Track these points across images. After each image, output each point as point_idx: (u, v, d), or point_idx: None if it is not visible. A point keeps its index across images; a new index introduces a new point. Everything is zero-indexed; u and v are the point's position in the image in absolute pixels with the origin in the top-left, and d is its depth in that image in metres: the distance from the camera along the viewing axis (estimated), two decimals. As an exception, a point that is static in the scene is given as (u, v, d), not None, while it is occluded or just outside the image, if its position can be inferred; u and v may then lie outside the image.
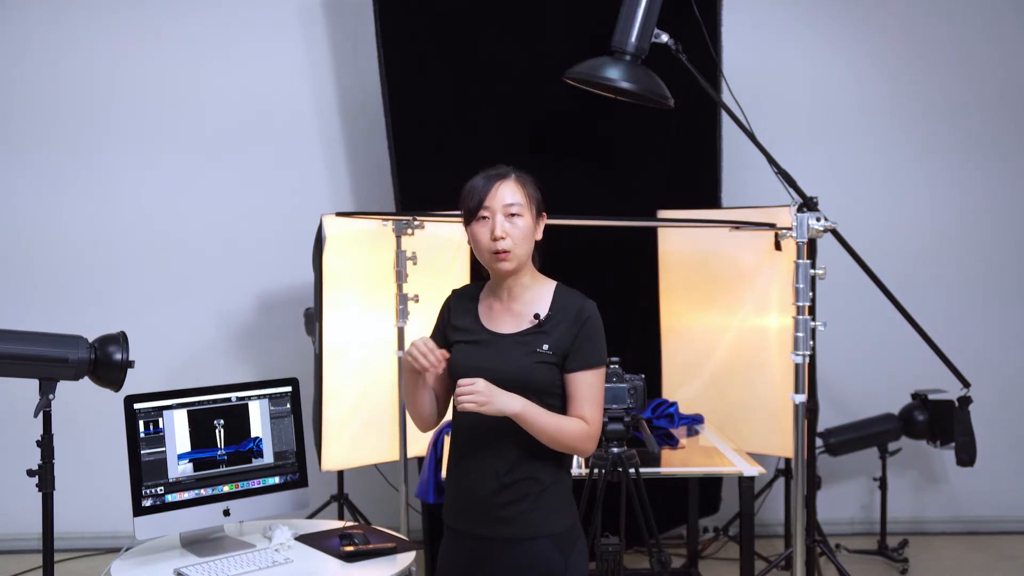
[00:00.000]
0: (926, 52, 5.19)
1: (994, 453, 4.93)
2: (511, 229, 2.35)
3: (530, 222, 2.38)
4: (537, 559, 2.36)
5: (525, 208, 2.38)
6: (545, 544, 2.36)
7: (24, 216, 4.99)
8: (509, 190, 2.37)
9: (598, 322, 2.41)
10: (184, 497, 2.79)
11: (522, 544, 2.36)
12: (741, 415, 4.30)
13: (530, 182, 2.43)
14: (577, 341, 2.36)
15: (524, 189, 2.40)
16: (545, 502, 2.37)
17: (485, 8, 4.43)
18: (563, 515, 2.40)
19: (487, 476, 2.37)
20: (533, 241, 2.41)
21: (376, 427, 3.99)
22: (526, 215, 2.37)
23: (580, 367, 2.36)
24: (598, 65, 3.18)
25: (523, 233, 2.36)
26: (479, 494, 2.38)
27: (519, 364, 2.34)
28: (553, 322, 2.38)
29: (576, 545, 2.42)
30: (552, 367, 2.35)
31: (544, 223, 2.46)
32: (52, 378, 2.68)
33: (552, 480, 2.38)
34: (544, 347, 2.35)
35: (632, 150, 4.60)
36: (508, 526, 2.36)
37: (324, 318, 3.77)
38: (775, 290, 4.14)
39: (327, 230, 3.77)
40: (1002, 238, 5.24)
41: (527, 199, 2.39)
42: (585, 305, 2.41)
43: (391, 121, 4.46)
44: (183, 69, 5.02)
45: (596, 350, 2.39)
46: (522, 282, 2.42)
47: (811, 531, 4.06)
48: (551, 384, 2.36)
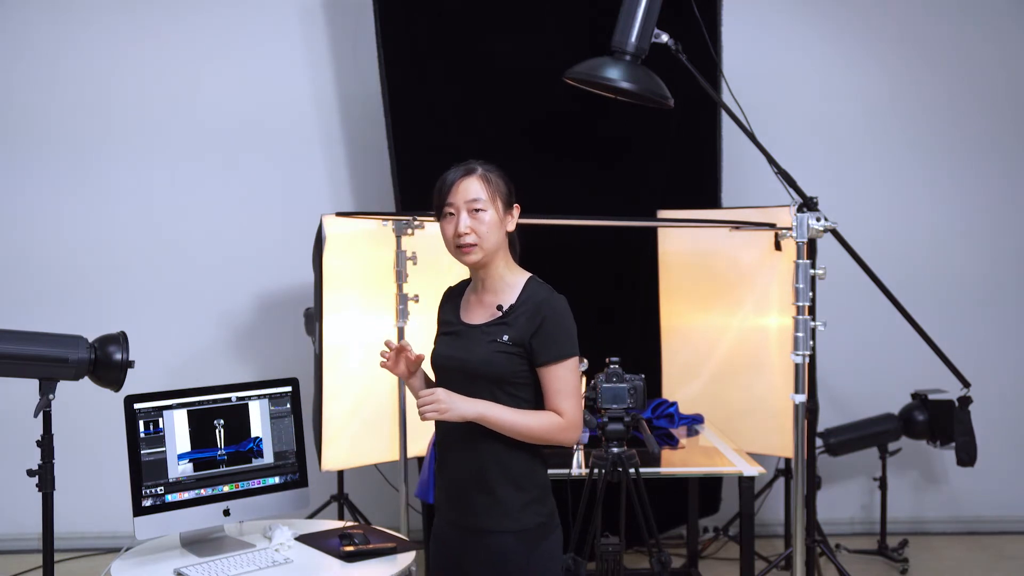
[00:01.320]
0: (926, 51, 5.19)
1: (994, 453, 4.94)
2: (475, 224, 2.41)
3: (495, 216, 2.43)
4: (499, 553, 2.40)
5: (489, 203, 2.43)
6: (508, 539, 2.40)
7: (24, 216, 4.99)
8: (474, 186, 2.43)
9: (561, 315, 2.43)
10: (184, 497, 2.79)
11: (486, 537, 2.42)
12: (741, 415, 4.30)
13: (496, 177, 2.48)
14: (539, 335, 2.39)
15: (488, 184, 2.45)
16: (512, 498, 2.41)
17: (485, 8, 4.43)
18: (531, 513, 2.43)
19: (460, 468, 2.45)
20: (502, 233, 2.45)
21: (376, 427, 3.99)
22: (490, 209, 2.43)
23: (547, 361, 2.39)
24: (598, 65, 3.17)
25: (488, 227, 2.41)
26: (453, 486, 2.47)
27: (481, 353, 2.40)
28: (516, 314, 2.42)
29: (542, 544, 2.44)
30: (513, 357, 2.39)
31: (516, 215, 2.50)
32: (52, 378, 2.68)
33: (523, 476, 2.43)
34: (504, 338, 2.40)
35: (632, 150, 4.60)
36: (476, 517, 2.43)
37: (324, 318, 3.77)
38: (775, 290, 4.14)
39: (327, 230, 3.77)
40: (1002, 238, 5.24)
41: (491, 194, 2.44)
42: (548, 298, 2.44)
43: (391, 121, 4.46)
44: (183, 69, 5.03)
45: (561, 343, 2.40)
46: (494, 274, 2.48)
47: (811, 531, 4.06)
48: (512, 374, 2.40)
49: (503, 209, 2.46)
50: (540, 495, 2.46)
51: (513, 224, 2.49)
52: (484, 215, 2.42)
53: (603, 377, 3.15)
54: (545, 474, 2.50)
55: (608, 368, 3.15)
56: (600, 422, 3.12)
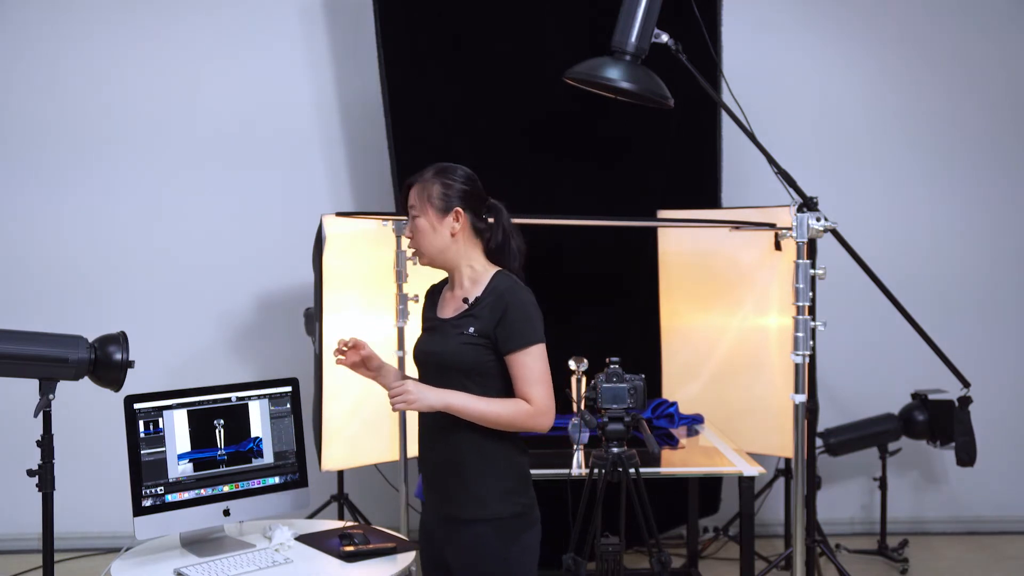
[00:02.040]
0: (926, 51, 5.19)
1: (994, 453, 4.93)
2: (412, 230, 2.56)
3: (425, 223, 2.52)
4: (475, 543, 2.47)
5: (421, 209, 2.53)
6: (484, 528, 2.46)
7: (25, 215, 4.99)
8: (413, 194, 2.56)
9: (523, 304, 2.49)
10: (184, 497, 2.79)
11: (464, 526, 2.49)
12: (741, 415, 4.30)
13: (433, 182, 2.55)
14: (502, 324, 2.46)
15: (423, 191, 2.54)
16: (481, 486, 2.48)
17: (485, 8, 4.43)
18: (506, 501, 2.48)
19: (437, 458, 2.55)
20: (443, 236, 2.52)
21: (376, 427, 3.99)
22: (422, 216, 2.53)
23: (512, 349, 2.46)
24: (598, 65, 3.17)
25: (420, 233, 2.54)
26: (431, 475, 2.58)
27: (451, 345, 2.50)
28: (481, 306, 2.50)
29: (524, 534, 2.50)
30: (479, 348, 2.47)
31: (458, 217, 2.53)
32: (52, 378, 2.68)
33: (489, 465, 2.49)
34: (471, 330, 2.48)
35: (632, 150, 4.60)
36: (452, 507, 2.52)
37: (324, 318, 3.77)
38: (775, 290, 4.14)
39: (327, 230, 3.77)
40: (1002, 237, 5.24)
41: (424, 200, 2.53)
42: (510, 288, 2.50)
43: (391, 121, 4.46)
44: (183, 69, 5.03)
45: (525, 331, 2.47)
46: (464, 271, 2.57)
47: (811, 531, 4.07)
48: (480, 364, 2.48)
49: (436, 214, 2.51)
50: (516, 485, 2.52)
51: (457, 227, 2.53)
52: (417, 222, 2.54)
53: (603, 377, 3.15)
54: (523, 463, 2.56)
55: (608, 368, 3.16)
56: (600, 422, 3.12)
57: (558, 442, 3.73)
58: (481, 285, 2.53)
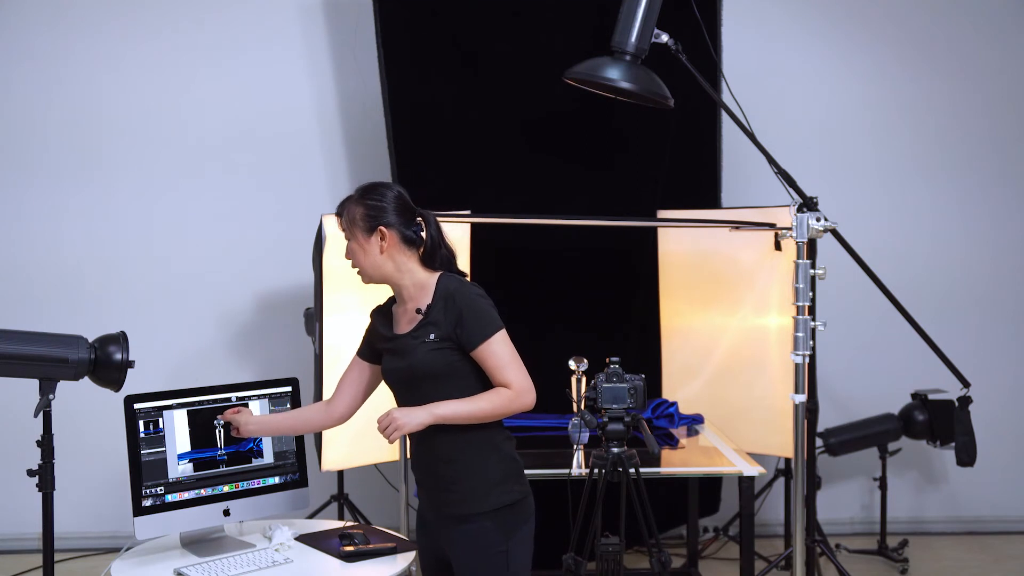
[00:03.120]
0: (926, 51, 5.19)
1: (994, 453, 4.93)
2: (349, 255, 2.64)
3: (355, 244, 2.60)
4: (478, 536, 2.51)
5: (349, 233, 2.61)
6: (484, 522, 2.51)
7: (25, 215, 4.99)
8: (341, 221, 2.63)
9: (474, 297, 2.55)
10: (184, 497, 2.79)
11: (460, 521, 2.53)
12: (741, 415, 4.30)
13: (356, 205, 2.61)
14: (460, 324, 2.51)
15: (348, 215, 2.60)
16: (477, 479, 2.52)
17: (485, 8, 4.43)
18: (500, 494, 2.53)
19: (423, 454, 2.60)
20: (372, 256, 2.58)
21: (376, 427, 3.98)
22: (351, 239, 2.61)
23: (476, 343, 2.51)
24: (598, 65, 3.17)
25: (353, 255, 2.62)
26: (425, 475, 2.62)
27: (417, 357, 2.54)
28: (435, 311, 2.55)
29: (522, 527, 2.55)
30: (444, 351, 2.52)
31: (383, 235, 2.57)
32: (52, 378, 2.68)
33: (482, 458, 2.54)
34: (431, 336, 2.53)
35: (632, 150, 4.60)
36: (444, 503, 2.57)
37: (324, 318, 3.77)
38: (775, 290, 4.14)
39: (327, 230, 3.77)
40: (1002, 237, 5.24)
41: (350, 223, 2.60)
42: (457, 287, 2.55)
43: (391, 121, 4.46)
44: (183, 70, 5.02)
45: (483, 323, 2.52)
46: (406, 285, 2.61)
47: (811, 531, 4.07)
48: (450, 367, 2.53)
49: (363, 235, 2.58)
50: (510, 471, 2.57)
51: (384, 244, 2.57)
52: (349, 245, 2.62)
53: (603, 377, 3.15)
54: (511, 447, 2.61)
55: (608, 368, 3.16)
56: (600, 422, 3.12)
57: (558, 442, 3.73)
58: (429, 291, 2.58)
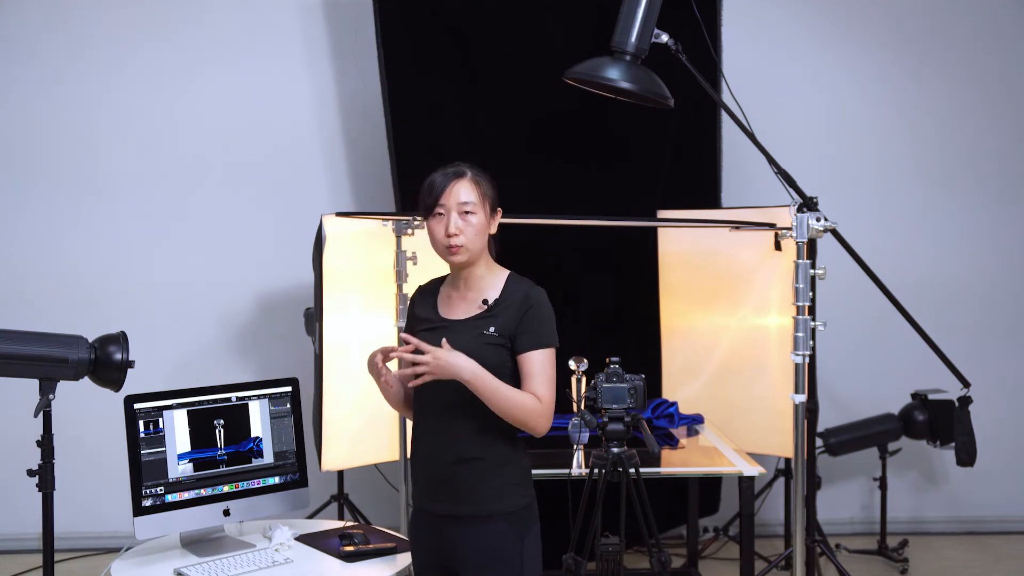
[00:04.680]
0: (926, 51, 5.19)
1: (994, 453, 4.93)
2: (464, 226, 2.49)
3: (483, 219, 2.52)
4: (492, 537, 2.46)
5: (478, 206, 2.51)
6: (499, 523, 2.46)
7: (26, 215, 4.99)
8: (464, 189, 2.51)
9: (545, 307, 2.53)
10: (184, 497, 2.79)
11: (476, 522, 2.46)
12: (741, 415, 4.30)
13: (485, 181, 2.56)
14: (523, 323, 2.48)
15: (478, 188, 2.53)
16: (497, 481, 2.47)
17: (485, 8, 4.43)
18: (517, 496, 2.50)
19: (441, 451, 2.49)
20: (487, 236, 2.55)
21: (376, 427, 3.99)
22: (479, 212, 2.51)
23: (529, 347, 2.47)
24: (598, 65, 3.17)
25: (476, 230, 2.50)
26: (434, 470, 2.51)
27: (469, 345, 2.45)
28: (501, 307, 2.50)
29: (532, 529, 2.52)
30: (499, 348, 2.47)
31: (499, 219, 2.59)
32: (52, 378, 2.69)
33: (503, 460, 2.49)
34: (491, 329, 2.48)
35: (632, 150, 4.60)
36: (461, 503, 2.47)
37: (324, 318, 3.77)
38: (775, 290, 4.13)
39: (327, 230, 3.77)
40: (1002, 236, 5.24)
41: (481, 197, 2.52)
42: (532, 292, 2.53)
43: (391, 121, 4.46)
44: (184, 70, 5.03)
45: (544, 331, 2.50)
46: (476, 272, 2.55)
47: (811, 531, 4.07)
48: (499, 364, 2.46)
49: (489, 213, 2.54)
50: (524, 477, 2.54)
51: (495, 227, 2.58)
52: (472, 218, 2.49)
53: (603, 377, 3.14)
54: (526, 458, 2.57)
55: (608, 368, 3.15)
56: (600, 422, 3.12)
57: (558, 442, 3.73)
58: (496, 286, 2.54)
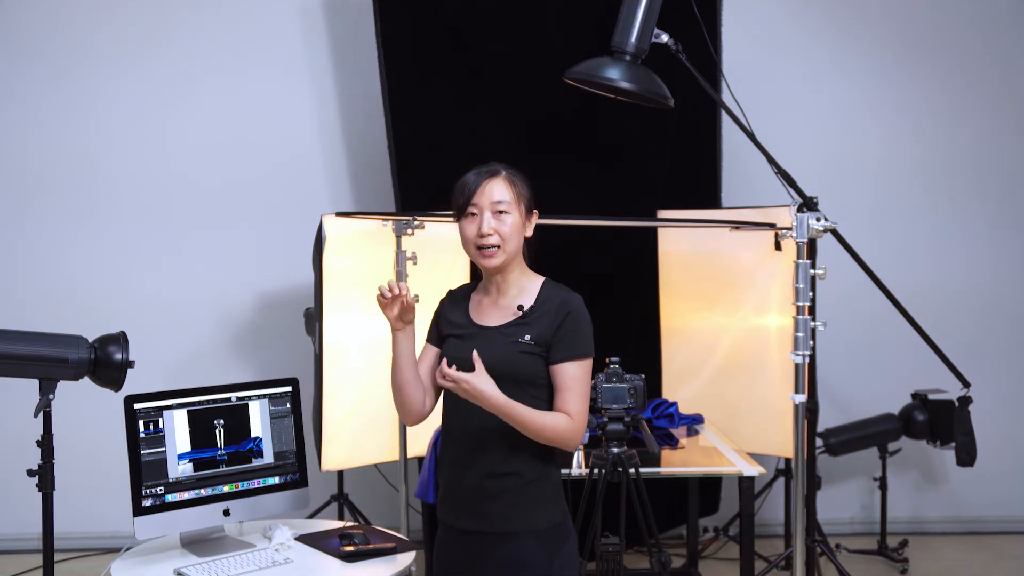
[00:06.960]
0: (926, 51, 5.19)
1: (994, 453, 4.93)
2: (498, 226, 2.40)
3: (518, 219, 2.42)
4: (521, 556, 2.37)
5: (513, 206, 2.42)
6: (529, 541, 2.37)
7: (26, 214, 4.99)
8: (498, 188, 2.42)
9: (583, 315, 2.42)
10: (184, 497, 2.79)
11: (506, 540, 2.38)
12: (741, 415, 4.30)
13: (520, 180, 2.46)
14: (560, 332, 2.38)
15: (513, 187, 2.44)
16: (528, 498, 2.39)
17: (485, 8, 4.43)
18: (548, 512, 2.41)
19: (472, 470, 2.41)
20: (522, 238, 2.44)
21: (376, 427, 3.99)
22: (514, 212, 2.41)
23: (564, 358, 2.37)
24: (598, 65, 3.17)
25: (511, 230, 2.40)
26: (464, 488, 2.42)
27: (502, 354, 2.37)
28: (537, 314, 2.41)
29: (564, 545, 2.42)
30: (535, 357, 2.38)
31: (535, 221, 2.49)
32: (52, 378, 2.68)
33: (536, 476, 2.40)
34: (526, 337, 2.38)
35: (632, 150, 4.60)
36: (491, 520, 2.39)
37: (324, 318, 3.77)
38: (775, 290, 4.14)
39: (327, 230, 3.77)
40: (1002, 237, 5.24)
41: (516, 197, 2.43)
42: (569, 299, 2.43)
43: (391, 121, 4.46)
44: (184, 70, 5.03)
45: (581, 341, 2.40)
46: (510, 278, 2.46)
47: (811, 531, 4.06)
48: (534, 374, 2.38)
49: (525, 213, 2.45)
50: (556, 496, 2.45)
51: (531, 230, 2.48)
52: (507, 218, 2.40)
53: (603, 377, 3.15)
54: (559, 474, 2.47)
55: (608, 368, 3.16)
56: (600, 422, 3.12)
57: (558, 442, 3.73)
58: (531, 292, 2.44)
